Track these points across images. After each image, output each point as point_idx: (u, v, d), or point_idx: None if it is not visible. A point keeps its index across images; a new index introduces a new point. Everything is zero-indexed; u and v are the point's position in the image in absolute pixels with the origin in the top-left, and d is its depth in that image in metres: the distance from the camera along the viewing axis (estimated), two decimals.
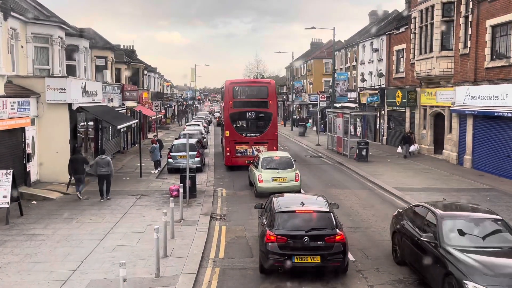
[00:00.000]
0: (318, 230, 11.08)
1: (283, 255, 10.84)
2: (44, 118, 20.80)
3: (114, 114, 27.88)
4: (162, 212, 12.30)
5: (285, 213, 11.55)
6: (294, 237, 10.96)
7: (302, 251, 10.86)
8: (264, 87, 28.72)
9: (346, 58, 54.60)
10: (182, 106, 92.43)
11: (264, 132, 27.77)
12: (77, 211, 17.13)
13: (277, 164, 20.78)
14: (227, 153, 27.95)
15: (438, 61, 29.20)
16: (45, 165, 20.93)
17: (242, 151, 27.57)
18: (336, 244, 10.92)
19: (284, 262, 10.83)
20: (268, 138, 27.70)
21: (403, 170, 26.55)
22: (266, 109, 27.76)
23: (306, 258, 10.84)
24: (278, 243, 10.90)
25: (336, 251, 10.90)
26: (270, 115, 27.85)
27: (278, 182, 19.99)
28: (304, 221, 11.36)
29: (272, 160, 21.07)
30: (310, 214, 11.56)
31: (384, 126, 40.94)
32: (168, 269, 11.51)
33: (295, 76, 79.01)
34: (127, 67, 41.45)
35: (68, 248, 13.11)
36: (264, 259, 11.17)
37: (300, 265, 10.87)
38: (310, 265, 10.89)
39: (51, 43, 22.50)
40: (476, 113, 25.79)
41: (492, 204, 18.37)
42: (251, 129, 28.00)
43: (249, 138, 27.70)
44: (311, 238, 10.89)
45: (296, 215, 11.54)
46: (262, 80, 43.90)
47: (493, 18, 24.44)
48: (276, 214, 11.49)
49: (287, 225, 11.27)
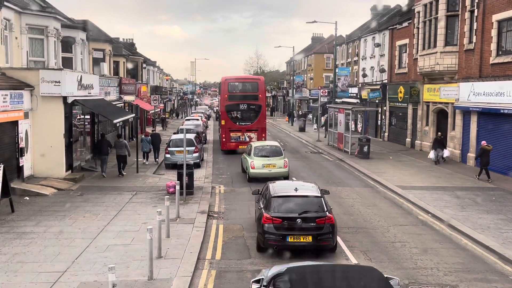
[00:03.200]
0: (310, 213, 12.34)
1: (278, 235, 12.07)
2: (38, 111, 20.25)
3: (111, 108, 27.33)
4: (157, 211, 11.78)
5: (280, 197, 12.82)
6: (288, 219, 12.17)
7: (295, 232, 12.07)
8: (255, 82, 33.32)
9: (348, 53, 53.99)
10: (181, 100, 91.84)
11: (255, 121, 31.90)
12: (71, 208, 16.61)
13: (268, 152, 22.98)
14: (223, 139, 31.99)
15: (442, 56, 28.62)
16: (39, 160, 20.41)
17: (236, 137, 31.58)
18: (326, 225, 12.15)
19: (279, 241, 12.10)
20: (258, 126, 31.79)
21: (406, 168, 26.04)
22: (256, 101, 31.97)
23: (299, 237, 12.07)
24: (274, 224, 12.13)
25: (325, 232, 12.11)
26: (260, 107, 32.03)
27: (268, 168, 22.05)
28: (297, 204, 12.60)
29: (263, 149, 23.34)
30: (302, 198, 12.87)
31: (386, 122, 40.38)
32: (162, 271, 11.00)
33: (295, 71, 78.38)
34: (126, 60, 40.85)
35: (59, 247, 12.60)
36: (261, 239, 12.36)
37: (294, 244, 12.08)
38: (302, 244, 12.09)
39: (46, 34, 21.93)
40: (481, 110, 25.24)
41: (497, 204, 17.91)
42: (243, 119, 32.00)
43: (242, 127, 31.67)
44: (303, 220, 12.13)
45: (290, 199, 12.78)
46: (253, 76, 49.75)
47: (500, 13, 23.85)
48: (272, 199, 12.75)
49: (282, 208, 12.49)
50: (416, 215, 16.87)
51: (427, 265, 11.97)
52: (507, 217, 16.14)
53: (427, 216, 16.64)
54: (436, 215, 16.40)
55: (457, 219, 15.69)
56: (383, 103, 40.39)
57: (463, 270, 11.69)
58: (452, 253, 12.92)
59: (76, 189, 19.70)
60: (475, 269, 11.76)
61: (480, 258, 12.61)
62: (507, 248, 12.95)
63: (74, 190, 19.53)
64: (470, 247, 13.46)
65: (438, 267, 11.80)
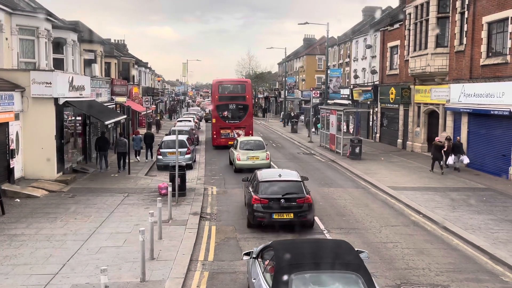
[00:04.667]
0: (291, 194, 14.50)
1: (265, 213, 14.28)
2: (29, 113, 20.13)
3: (102, 109, 27.20)
4: (149, 213, 11.74)
5: (267, 182, 15.11)
6: (274, 200, 14.36)
7: (279, 210, 14.28)
8: (243, 85, 37.07)
9: (339, 54, 54.15)
10: (173, 101, 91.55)
11: (243, 120, 35.09)
12: (62, 210, 16.52)
13: (252, 146, 25.88)
14: (214, 136, 35.30)
15: (433, 58, 28.80)
16: (30, 162, 20.28)
17: (225, 134, 34.65)
18: (305, 205, 14.39)
19: (266, 218, 14.31)
20: (245, 124, 35.04)
21: (397, 169, 26.15)
22: (244, 102, 35.32)
23: (282, 214, 14.30)
24: (261, 204, 14.35)
25: (304, 210, 14.36)
26: (247, 107, 35.42)
27: (252, 160, 24.89)
28: (281, 188, 14.85)
29: (248, 143, 26.27)
30: (285, 182, 15.15)
31: (377, 123, 40.54)
32: (154, 273, 10.97)
33: (287, 72, 78.49)
34: (117, 61, 40.71)
35: (51, 249, 12.52)
36: (251, 217, 14.62)
37: (278, 220, 14.32)
38: (285, 220, 14.35)
39: (37, 35, 21.78)
40: (471, 111, 25.42)
41: (488, 204, 18.04)
42: (232, 117, 35.09)
43: (231, 124, 34.88)
44: (286, 200, 14.35)
45: (275, 183, 15.08)
46: (241, 79, 53.09)
47: (490, 15, 24.04)
48: (259, 183, 15.00)
49: (268, 191, 14.72)
50: (408, 215, 16.95)
51: (418, 265, 12.03)
52: (497, 217, 16.26)
53: (418, 216, 16.72)
54: (427, 216, 16.48)
55: (449, 220, 15.78)
56: (374, 104, 40.55)
57: (454, 270, 11.76)
58: (443, 253, 12.99)
59: (68, 191, 19.59)
60: (466, 269, 11.84)
61: (471, 258, 12.69)
62: (497, 248, 13.04)
63: (65, 192, 19.41)
64: (461, 247, 13.54)
65: (429, 267, 11.87)
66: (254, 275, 8.91)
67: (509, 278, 11.33)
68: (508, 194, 19.93)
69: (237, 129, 34.50)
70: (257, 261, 9.10)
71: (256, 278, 8.63)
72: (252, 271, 9.10)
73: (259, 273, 8.63)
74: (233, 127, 34.74)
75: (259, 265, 8.90)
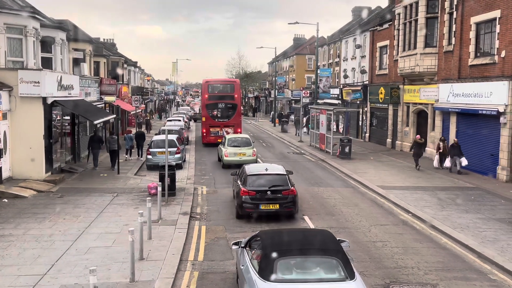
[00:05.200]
0: (277, 187, 15.63)
1: (253, 204, 15.36)
2: (17, 112, 19.96)
3: (91, 108, 27.04)
4: (138, 213, 11.68)
5: (254, 175, 16.23)
6: (261, 191, 15.45)
7: (266, 201, 15.38)
8: (231, 84, 38.46)
9: (329, 54, 54.27)
10: (162, 100, 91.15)
11: (231, 118, 36.25)
12: (50, 210, 16.39)
13: (239, 143, 26.97)
14: (203, 134, 36.42)
15: (422, 57, 28.97)
16: (18, 162, 20.10)
17: (215, 132, 35.64)
18: (289, 196, 15.52)
19: (254, 208, 15.41)
20: (234, 122, 36.26)
21: (386, 168, 26.27)
22: (232, 101, 36.61)
23: (269, 205, 15.41)
24: (249, 195, 15.43)
25: (289, 201, 15.47)
26: (235, 106, 36.70)
27: (239, 156, 25.94)
28: (267, 180, 15.96)
29: (235, 140, 27.37)
30: (271, 176, 16.29)
31: (367, 123, 40.70)
32: (144, 273, 10.93)
33: (277, 71, 78.54)
34: (107, 60, 40.45)
35: (39, 249, 12.43)
36: (240, 208, 15.63)
37: (265, 210, 15.41)
38: (271, 210, 15.44)
39: (25, 34, 21.55)
40: (460, 110, 25.61)
41: (476, 203, 18.19)
42: (221, 116, 36.18)
43: (220, 123, 35.97)
44: (272, 192, 15.46)
45: (262, 177, 16.18)
46: (229, 79, 54.22)
47: (478, 15, 24.24)
48: (248, 176, 16.11)
49: (255, 184, 15.79)
50: (397, 215, 17.04)
51: (408, 264, 12.09)
52: (485, 216, 16.40)
53: (407, 215, 16.81)
54: (416, 215, 16.58)
55: (437, 219, 15.89)
56: (364, 104, 40.71)
57: (443, 269, 11.84)
58: (432, 252, 13.07)
59: (56, 190, 19.45)
60: (455, 268, 11.92)
61: (460, 257, 12.78)
62: (485, 246, 13.15)
63: (54, 192, 19.28)
64: (450, 246, 13.64)
65: (418, 266, 11.94)
66: (242, 262, 9.45)
67: (497, 277, 11.43)
68: (496, 193, 20.10)
69: (226, 127, 35.37)
70: (245, 250, 9.65)
71: (244, 265, 9.14)
72: (241, 259, 9.65)
73: (247, 261, 9.12)
74: (222, 126, 35.75)
75: (247, 254, 9.42)
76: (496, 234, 14.33)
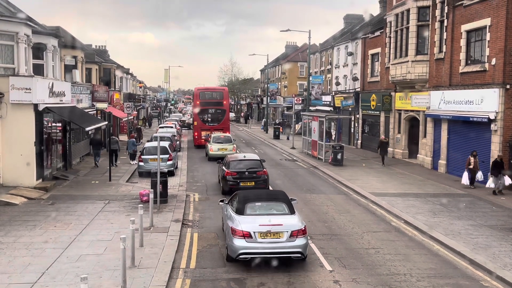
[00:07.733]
0: (252, 169, 20.71)
1: (234, 181, 20.18)
2: (8, 119, 19.84)
3: (83, 115, 26.94)
4: (130, 220, 11.62)
5: (235, 161, 21.29)
6: (240, 172, 20.41)
7: (245, 179, 20.27)
8: (221, 92, 42.31)
9: (321, 61, 54.49)
10: (154, 107, 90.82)
11: (221, 123, 39.91)
12: (41, 217, 16.26)
13: (222, 140, 32.69)
14: (195, 137, 40.52)
15: (413, 65, 29.16)
16: (8, 169, 19.95)
17: (206, 135, 38.29)
18: (262, 176, 20.64)
19: (235, 185, 19.87)
20: (223, 126, 39.78)
21: (378, 175, 26.34)
22: (221, 107, 40.45)
23: (246, 182, 20.14)
24: (232, 175, 20.31)
25: (262, 179, 20.54)
26: (224, 111, 40.61)
27: (222, 151, 31.08)
28: (245, 164, 20.94)
29: (219, 138, 33.12)
30: (248, 160, 21.46)
31: (359, 130, 40.85)
32: (135, 281, 10.85)
33: (269, 78, 78.66)
34: (99, 67, 40.36)
35: (29, 257, 12.31)
36: (225, 185, 20.59)
37: (243, 186, 19.72)
38: (248, 186, 19.85)
39: (16, 40, 21.44)
40: (451, 117, 25.78)
41: (468, 210, 18.26)
42: (212, 120, 39.88)
43: (210, 127, 39.38)
44: (249, 173, 20.48)
45: (241, 161, 21.22)
46: (219, 87, 57.00)
47: (468, 23, 24.46)
48: (230, 162, 21.07)
49: (236, 167, 20.69)
50: (389, 221, 17.07)
51: (400, 271, 12.10)
52: (477, 222, 16.47)
53: (400, 222, 16.85)
54: (408, 222, 16.62)
55: (429, 225, 15.93)
56: (356, 111, 40.87)
57: (435, 275, 11.86)
58: (424, 259, 13.10)
59: (47, 198, 19.31)
60: (447, 275, 11.94)
61: (452, 263, 12.81)
62: (477, 253, 13.20)
63: (45, 199, 19.13)
64: (442, 252, 13.67)
65: (411, 273, 11.95)
66: (225, 211, 14.03)
67: (489, 283, 11.46)
68: (487, 199, 20.21)
69: (216, 131, 37.65)
70: (228, 205, 13.91)
71: (227, 212, 13.52)
72: (225, 210, 14.13)
73: (229, 209, 13.51)
74: (213, 129, 38.58)
75: (229, 206, 13.65)
76: (488, 241, 14.39)
